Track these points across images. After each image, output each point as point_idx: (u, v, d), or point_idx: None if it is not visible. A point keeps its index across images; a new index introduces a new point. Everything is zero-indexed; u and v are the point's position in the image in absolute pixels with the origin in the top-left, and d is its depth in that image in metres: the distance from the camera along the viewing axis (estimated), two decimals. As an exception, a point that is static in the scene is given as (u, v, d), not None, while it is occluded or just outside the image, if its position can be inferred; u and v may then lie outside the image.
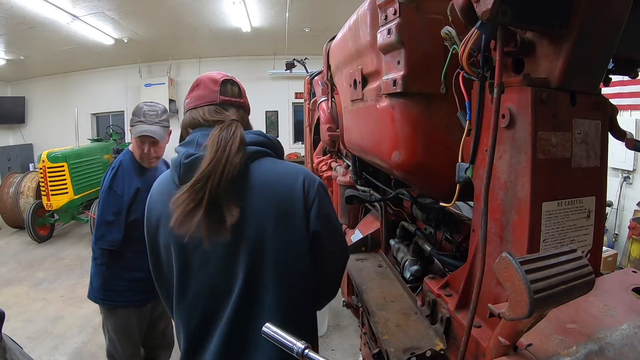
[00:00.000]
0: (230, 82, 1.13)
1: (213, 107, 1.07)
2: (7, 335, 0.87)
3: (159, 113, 1.91)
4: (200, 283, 1.00)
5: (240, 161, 0.96)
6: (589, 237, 0.80)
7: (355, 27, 1.18)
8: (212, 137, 0.97)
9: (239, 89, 1.15)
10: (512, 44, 0.72)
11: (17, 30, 5.65)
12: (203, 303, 1.01)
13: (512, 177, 0.74)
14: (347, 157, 2.08)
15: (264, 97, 8.56)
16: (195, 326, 1.02)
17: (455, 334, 0.89)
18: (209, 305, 1.01)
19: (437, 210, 1.16)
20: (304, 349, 0.75)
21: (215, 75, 1.13)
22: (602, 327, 0.66)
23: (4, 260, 5.10)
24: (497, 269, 0.52)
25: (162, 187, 1.08)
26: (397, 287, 1.27)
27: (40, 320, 3.50)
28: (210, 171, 0.92)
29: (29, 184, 6.16)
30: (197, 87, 1.13)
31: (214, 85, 1.10)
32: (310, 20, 6.21)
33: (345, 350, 2.98)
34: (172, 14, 5.67)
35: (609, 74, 0.92)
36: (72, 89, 8.50)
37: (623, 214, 4.36)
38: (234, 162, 0.95)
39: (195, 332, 1.02)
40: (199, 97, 1.09)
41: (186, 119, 1.10)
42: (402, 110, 0.96)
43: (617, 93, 4.14)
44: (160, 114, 1.92)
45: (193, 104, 1.09)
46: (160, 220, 1.03)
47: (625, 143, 0.90)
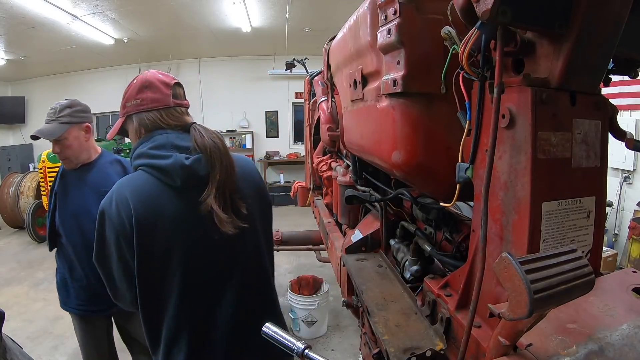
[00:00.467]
0: (178, 84, 1.18)
1: (169, 110, 1.11)
2: (7, 335, 0.87)
3: (57, 110, 1.73)
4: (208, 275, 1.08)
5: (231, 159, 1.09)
6: (589, 237, 0.80)
7: (355, 27, 1.18)
8: (205, 142, 1.06)
9: (183, 90, 1.19)
10: (512, 44, 0.72)
11: (17, 30, 5.65)
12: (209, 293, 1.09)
13: (512, 177, 0.74)
14: (347, 157, 2.08)
15: (264, 97, 8.57)
16: (203, 316, 1.08)
17: (455, 334, 0.89)
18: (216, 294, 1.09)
19: (437, 210, 1.16)
20: (303, 349, 0.75)
21: (164, 78, 1.15)
22: (602, 327, 0.66)
23: (4, 260, 5.10)
24: (497, 269, 0.52)
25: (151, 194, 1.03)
26: (397, 287, 1.27)
27: (40, 320, 3.50)
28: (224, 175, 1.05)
29: (29, 184, 6.16)
30: (149, 89, 1.12)
31: (167, 89, 1.13)
32: (310, 20, 6.21)
33: (345, 350, 2.98)
34: (172, 14, 5.66)
35: (609, 74, 0.92)
36: (72, 89, 8.48)
37: (623, 214, 4.36)
38: (231, 162, 1.08)
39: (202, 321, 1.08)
40: (154, 100, 1.11)
41: (143, 121, 1.11)
42: (402, 110, 0.96)
43: (617, 93, 4.14)
44: (60, 111, 1.72)
45: (148, 107, 1.11)
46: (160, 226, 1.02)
47: (625, 143, 0.90)
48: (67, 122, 1.72)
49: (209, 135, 1.08)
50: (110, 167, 1.83)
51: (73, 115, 1.74)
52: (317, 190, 3.15)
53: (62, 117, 1.72)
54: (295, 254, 4.82)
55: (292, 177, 8.44)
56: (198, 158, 1.03)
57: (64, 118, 1.72)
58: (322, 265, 3.75)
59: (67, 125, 1.71)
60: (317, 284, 3.48)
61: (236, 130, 8.60)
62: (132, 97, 1.14)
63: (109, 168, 1.83)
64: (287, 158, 8.65)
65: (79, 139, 1.76)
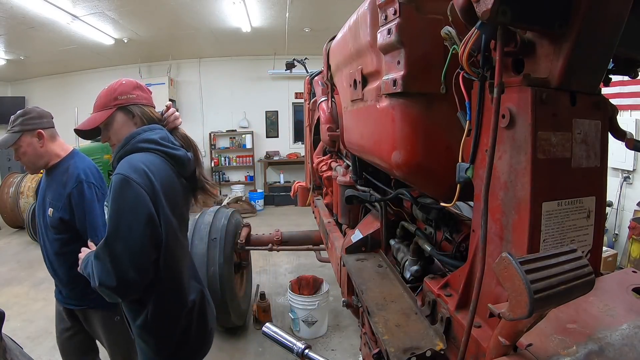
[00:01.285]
0: None
1: (152, 109, 1.40)
2: (7, 335, 0.87)
3: (12, 119, 1.77)
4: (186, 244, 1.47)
5: None
6: (589, 237, 0.80)
7: (355, 27, 1.18)
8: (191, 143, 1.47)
9: None
10: (512, 44, 0.73)
11: (17, 30, 5.65)
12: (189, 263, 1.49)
13: (512, 177, 0.74)
14: (347, 157, 2.08)
15: (264, 97, 8.56)
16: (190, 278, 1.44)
17: (455, 334, 0.89)
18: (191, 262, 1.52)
19: (437, 210, 1.16)
20: (304, 349, 0.75)
21: (142, 83, 1.42)
22: (602, 327, 0.66)
23: (4, 260, 5.10)
24: (497, 269, 0.52)
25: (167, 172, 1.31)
26: (397, 287, 1.27)
27: (40, 320, 3.50)
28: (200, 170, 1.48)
29: (29, 184, 6.17)
30: (139, 89, 1.38)
31: (149, 92, 1.41)
32: (310, 20, 6.21)
33: (345, 350, 2.98)
34: (172, 14, 5.66)
35: (609, 74, 0.92)
36: (72, 89, 8.49)
37: (623, 214, 4.36)
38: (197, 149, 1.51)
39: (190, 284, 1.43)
40: (148, 99, 1.39)
41: (145, 113, 1.36)
42: (402, 110, 0.96)
43: (617, 93, 4.14)
44: (13, 121, 1.77)
45: (144, 102, 1.37)
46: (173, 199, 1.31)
47: (625, 143, 0.90)
48: (18, 130, 1.75)
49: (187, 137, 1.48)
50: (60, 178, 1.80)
51: (25, 123, 1.76)
52: (317, 190, 3.15)
53: (15, 127, 1.76)
54: (295, 254, 4.82)
55: (292, 177, 8.44)
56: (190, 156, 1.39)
57: (16, 127, 1.76)
58: (322, 265, 3.75)
59: (18, 134, 1.75)
60: (317, 284, 3.48)
61: (236, 130, 8.60)
62: (127, 92, 1.32)
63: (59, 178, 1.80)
64: (287, 158, 8.64)
65: (33, 145, 1.78)
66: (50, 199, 1.78)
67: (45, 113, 1.86)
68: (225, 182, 8.75)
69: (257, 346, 3.05)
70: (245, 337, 3.18)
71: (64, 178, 1.77)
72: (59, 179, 1.78)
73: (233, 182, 8.76)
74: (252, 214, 7.48)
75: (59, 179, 1.78)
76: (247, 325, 3.31)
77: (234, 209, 3.37)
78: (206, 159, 8.64)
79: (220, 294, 2.75)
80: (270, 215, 7.61)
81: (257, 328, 3.26)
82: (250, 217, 7.11)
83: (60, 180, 1.77)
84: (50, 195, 1.79)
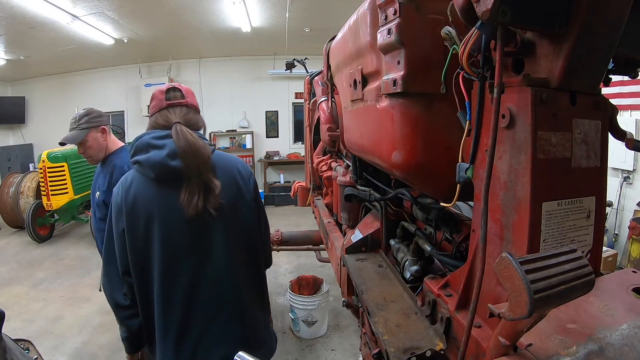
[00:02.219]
0: (173, 88, 1.42)
1: (163, 112, 1.37)
2: (7, 335, 0.87)
3: (77, 119, 2.12)
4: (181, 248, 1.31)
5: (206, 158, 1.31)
6: (589, 237, 0.80)
7: (355, 27, 1.18)
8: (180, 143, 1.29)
9: (181, 93, 1.42)
10: (512, 44, 0.72)
11: (17, 30, 5.65)
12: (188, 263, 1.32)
13: (512, 177, 0.74)
14: (347, 157, 2.08)
15: (264, 97, 8.56)
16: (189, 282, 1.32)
17: (455, 334, 0.89)
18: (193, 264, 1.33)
19: (437, 210, 1.16)
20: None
21: (163, 87, 1.42)
22: (602, 327, 0.66)
23: (4, 260, 5.10)
24: (497, 269, 0.52)
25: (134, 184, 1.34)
26: (397, 287, 1.27)
27: (40, 320, 3.50)
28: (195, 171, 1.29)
29: (29, 184, 6.16)
30: (153, 100, 1.42)
31: (161, 95, 1.39)
32: (310, 20, 6.21)
33: (345, 350, 2.98)
34: (172, 14, 5.66)
35: (609, 74, 0.92)
36: (72, 89, 8.49)
37: (623, 214, 4.36)
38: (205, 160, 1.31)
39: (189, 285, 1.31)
40: (153, 107, 1.40)
41: (149, 124, 1.40)
42: (402, 110, 0.96)
43: (617, 93, 4.14)
44: (79, 119, 2.11)
45: (151, 112, 1.41)
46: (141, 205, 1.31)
47: (625, 143, 0.90)
48: (85, 127, 2.10)
49: (184, 135, 1.30)
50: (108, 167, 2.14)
51: (90, 121, 2.11)
52: (317, 190, 3.15)
53: (82, 124, 2.10)
54: (295, 254, 4.82)
55: (292, 177, 8.43)
56: (171, 153, 1.27)
57: (83, 124, 2.10)
58: (322, 265, 3.75)
59: (86, 130, 2.10)
60: (317, 284, 3.48)
61: (236, 130, 8.60)
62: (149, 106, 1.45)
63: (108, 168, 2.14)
64: (287, 158, 8.64)
65: (97, 140, 2.14)
66: (99, 184, 2.13)
67: (103, 113, 2.23)
68: (225, 182, 8.74)
69: (257, 346, 3.04)
70: (245, 337, 3.17)
71: (111, 168, 2.10)
72: (108, 169, 2.12)
73: (233, 182, 8.75)
74: (252, 214, 7.47)
75: (108, 169, 2.12)
76: (247, 325, 3.31)
77: (234, 209, 3.36)
78: (206, 159, 8.64)
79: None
80: (270, 215, 7.53)
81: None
82: (250, 217, 7.10)
83: (109, 170, 2.11)
84: (100, 181, 2.14)
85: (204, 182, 1.28)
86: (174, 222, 1.29)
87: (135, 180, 1.32)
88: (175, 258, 1.30)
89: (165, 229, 1.29)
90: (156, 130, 1.34)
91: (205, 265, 1.32)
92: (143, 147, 1.32)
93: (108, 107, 8.63)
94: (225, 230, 1.35)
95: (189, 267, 1.31)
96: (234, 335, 1.37)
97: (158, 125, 1.35)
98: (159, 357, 1.32)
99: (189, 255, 1.31)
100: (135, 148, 1.33)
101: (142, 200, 1.29)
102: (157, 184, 1.30)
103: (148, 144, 1.31)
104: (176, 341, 1.31)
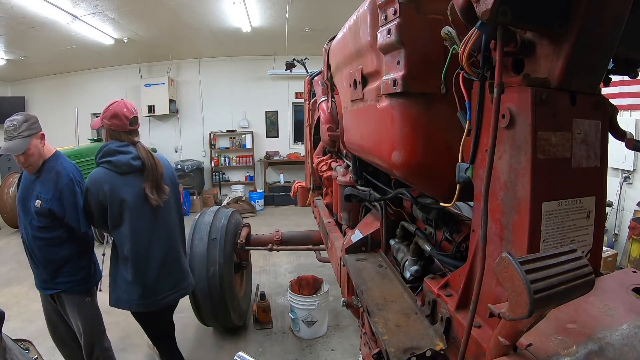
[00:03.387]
0: (135, 118, 2.04)
1: (125, 133, 2.01)
2: (7, 335, 0.87)
3: (16, 126, 1.93)
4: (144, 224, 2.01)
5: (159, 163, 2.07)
6: (589, 237, 0.80)
7: (355, 27, 1.18)
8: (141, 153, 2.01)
9: (138, 122, 2.08)
10: (512, 44, 0.73)
11: (17, 30, 5.65)
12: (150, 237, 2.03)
13: (512, 177, 0.74)
14: (347, 157, 2.08)
15: (264, 97, 8.56)
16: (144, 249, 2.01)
17: (455, 334, 0.89)
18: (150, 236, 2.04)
19: (437, 210, 1.16)
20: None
21: (126, 112, 1.99)
22: (602, 327, 0.66)
23: (4, 260, 5.10)
24: (497, 269, 0.52)
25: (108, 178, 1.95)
26: (397, 287, 1.27)
27: (40, 320, 3.48)
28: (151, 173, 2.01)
29: (29, 184, 6.15)
30: (116, 118, 1.97)
31: (126, 120, 1.98)
32: (310, 20, 6.21)
33: (345, 350, 2.98)
34: (172, 14, 5.66)
35: (609, 74, 0.92)
36: (72, 89, 8.49)
37: (623, 214, 4.36)
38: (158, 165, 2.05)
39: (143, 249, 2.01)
40: (116, 126, 1.98)
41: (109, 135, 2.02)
42: (402, 110, 0.96)
43: (617, 93, 4.14)
44: (19, 126, 1.93)
45: (113, 129, 2.00)
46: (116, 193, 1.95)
47: (625, 143, 0.90)
48: (27, 135, 1.95)
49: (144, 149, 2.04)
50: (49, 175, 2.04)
51: (31, 127, 1.97)
52: (317, 190, 3.15)
53: (23, 132, 1.94)
54: (295, 254, 4.82)
55: (292, 177, 8.44)
56: (134, 157, 1.96)
57: (25, 132, 1.94)
58: (322, 265, 3.75)
59: (28, 138, 1.95)
60: (317, 284, 3.48)
61: (236, 130, 8.60)
62: (106, 118, 1.98)
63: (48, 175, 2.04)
64: (287, 158, 8.64)
65: (38, 147, 2.01)
66: (39, 192, 2.02)
67: (36, 117, 2.06)
68: (225, 182, 8.75)
69: (257, 346, 3.05)
70: (245, 337, 3.18)
71: (53, 175, 2.02)
72: (48, 176, 2.02)
73: (233, 182, 8.76)
74: (252, 214, 7.48)
75: (48, 176, 2.02)
76: (247, 325, 3.31)
77: (233, 209, 3.36)
78: (206, 158, 8.65)
79: (220, 294, 2.75)
80: (270, 215, 7.61)
81: (257, 328, 3.27)
82: (250, 217, 7.11)
83: (49, 177, 2.02)
84: (38, 189, 2.02)
85: (157, 185, 2.00)
86: (139, 203, 1.97)
87: (106, 176, 1.93)
88: (142, 225, 2.00)
89: (134, 208, 1.96)
90: (117, 141, 1.98)
91: (160, 230, 2.07)
92: (111, 152, 1.95)
93: (108, 107, 8.64)
94: (169, 212, 2.12)
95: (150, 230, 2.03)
96: (177, 267, 2.16)
97: (120, 139, 1.99)
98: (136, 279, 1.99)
99: (149, 224, 2.02)
100: (104, 153, 1.96)
101: (117, 189, 1.93)
102: (124, 178, 1.95)
103: (115, 150, 1.95)
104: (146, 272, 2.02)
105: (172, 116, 8.46)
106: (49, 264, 2.05)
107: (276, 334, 3.22)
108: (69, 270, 2.06)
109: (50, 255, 2.03)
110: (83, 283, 2.12)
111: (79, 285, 2.10)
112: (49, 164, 2.06)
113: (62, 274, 2.06)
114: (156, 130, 8.54)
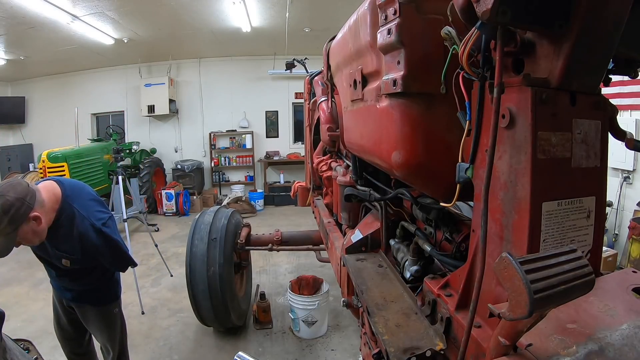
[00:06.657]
0: None
1: None
2: (7, 335, 0.87)
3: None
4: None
5: None
6: (589, 237, 0.80)
7: (355, 27, 1.18)
8: None
9: None
10: (512, 44, 0.72)
11: (17, 30, 5.65)
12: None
13: (512, 177, 0.74)
14: (347, 157, 2.08)
15: (264, 97, 8.56)
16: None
17: (455, 334, 0.89)
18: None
19: (437, 210, 1.16)
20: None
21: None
22: (602, 327, 0.66)
23: (4, 260, 5.07)
24: (497, 269, 0.52)
25: None
26: (397, 287, 1.27)
27: (40, 320, 3.51)
28: None
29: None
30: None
31: None
32: (310, 20, 6.21)
33: (345, 350, 2.98)
34: (172, 14, 5.66)
35: (609, 74, 0.92)
36: (72, 89, 8.49)
37: (623, 214, 4.36)
38: None
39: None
40: None
41: None
42: (402, 110, 0.96)
43: (617, 93, 4.14)
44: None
45: None
46: None
47: (625, 143, 0.90)
48: (13, 229, 1.51)
49: None
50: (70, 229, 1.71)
51: (14, 219, 1.49)
52: (317, 190, 3.15)
53: (5, 228, 1.48)
54: (295, 254, 4.82)
55: (292, 177, 8.43)
56: None
57: (8, 228, 1.49)
58: (322, 265, 3.75)
59: (14, 234, 1.53)
60: (317, 284, 3.48)
61: (236, 130, 8.60)
62: None
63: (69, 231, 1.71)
64: (287, 158, 8.63)
65: (34, 229, 1.58)
66: (62, 251, 1.74)
67: (20, 189, 1.53)
68: (225, 182, 8.75)
69: (257, 346, 3.05)
70: (246, 337, 3.18)
71: (73, 231, 1.68)
72: (66, 231, 1.68)
73: (233, 182, 8.76)
74: (252, 214, 7.47)
75: (67, 232, 1.68)
76: (247, 325, 3.31)
77: (234, 209, 3.36)
78: (206, 158, 8.65)
79: (220, 294, 2.75)
80: (270, 215, 7.60)
81: (257, 328, 3.26)
82: (250, 217, 7.11)
83: (70, 233, 1.68)
84: (60, 246, 1.73)
85: None
86: None
87: None
88: None
89: None
90: None
91: None
92: None
93: (108, 107, 8.65)
94: None
95: None
96: None
97: None
98: None
99: None
100: None
101: None
102: None
103: None
104: None
105: (172, 116, 8.47)
106: (81, 285, 1.94)
107: (276, 334, 3.22)
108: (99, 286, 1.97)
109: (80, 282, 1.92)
110: (112, 294, 2.04)
111: (108, 297, 2.02)
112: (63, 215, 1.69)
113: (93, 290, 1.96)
114: (156, 130, 8.54)
